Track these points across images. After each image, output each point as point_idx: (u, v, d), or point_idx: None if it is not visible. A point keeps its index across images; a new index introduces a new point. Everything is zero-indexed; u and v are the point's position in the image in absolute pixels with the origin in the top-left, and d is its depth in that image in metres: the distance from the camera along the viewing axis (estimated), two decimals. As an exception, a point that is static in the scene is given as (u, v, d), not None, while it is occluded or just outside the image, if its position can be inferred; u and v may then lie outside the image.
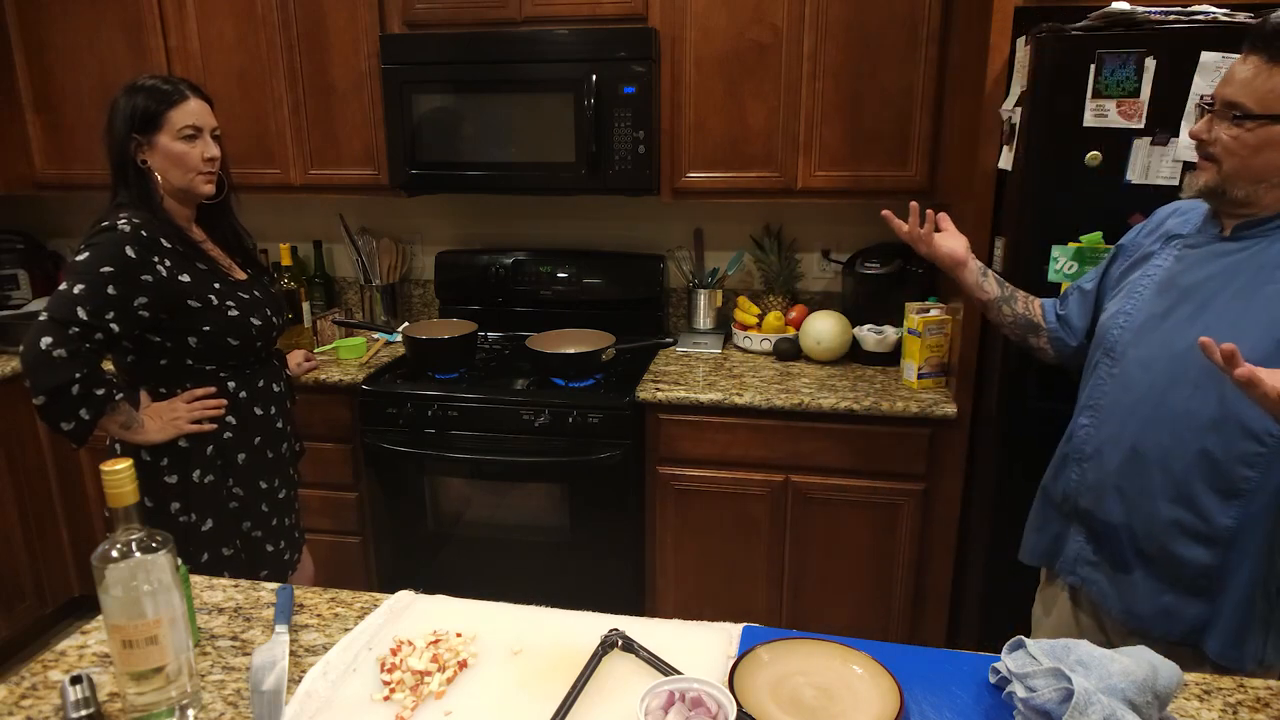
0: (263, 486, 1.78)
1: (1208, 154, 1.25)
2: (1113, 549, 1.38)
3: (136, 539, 0.95)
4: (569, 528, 2.37)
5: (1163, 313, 1.32)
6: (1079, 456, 1.42)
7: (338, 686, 1.05)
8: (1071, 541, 1.45)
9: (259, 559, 1.80)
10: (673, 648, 1.09)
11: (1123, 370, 1.36)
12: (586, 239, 2.87)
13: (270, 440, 1.78)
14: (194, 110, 1.64)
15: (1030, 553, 1.55)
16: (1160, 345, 1.31)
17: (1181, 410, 1.27)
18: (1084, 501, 1.41)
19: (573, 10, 2.39)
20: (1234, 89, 1.21)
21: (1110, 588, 1.39)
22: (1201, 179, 1.27)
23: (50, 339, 1.50)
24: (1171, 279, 1.34)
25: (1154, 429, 1.30)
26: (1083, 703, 0.90)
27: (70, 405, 1.53)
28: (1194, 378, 1.25)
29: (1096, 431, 1.39)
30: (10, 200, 2.99)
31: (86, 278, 1.52)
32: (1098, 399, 1.40)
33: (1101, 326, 1.44)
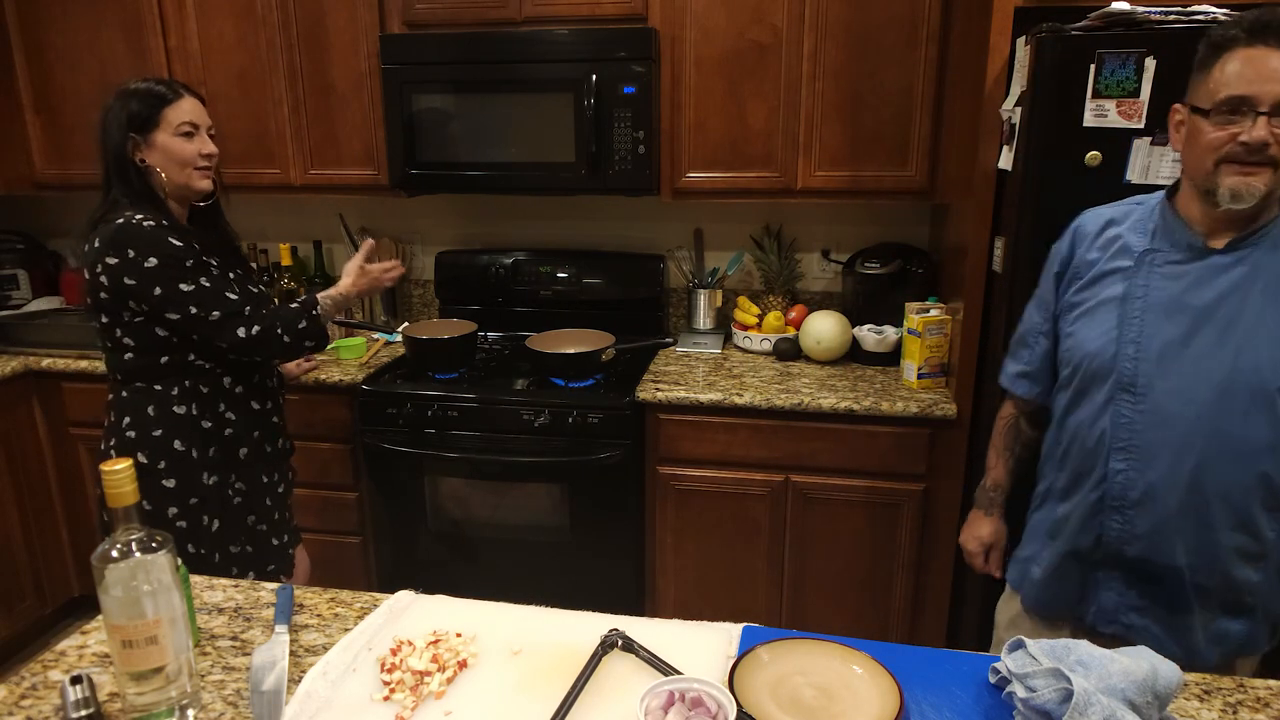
0: (264, 480, 1.79)
1: (1268, 157, 1.17)
2: (1171, 593, 1.32)
3: (136, 539, 0.95)
4: (569, 528, 2.37)
5: (1181, 339, 1.26)
6: (1121, 504, 1.31)
7: (338, 686, 1.05)
8: (1106, 592, 1.37)
9: (265, 553, 1.81)
10: (673, 648, 1.09)
11: (1154, 405, 1.27)
12: (586, 239, 2.87)
13: (268, 434, 1.81)
14: (189, 108, 1.66)
15: (1049, 605, 1.45)
16: (1195, 375, 1.25)
17: (1239, 438, 1.24)
18: (1133, 550, 1.31)
19: (573, 10, 2.39)
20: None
21: (1165, 633, 1.34)
22: (1260, 184, 1.19)
23: (243, 329, 1.64)
24: (1177, 300, 1.27)
25: (1213, 462, 1.25)
26: (1082, 703, 0.90)
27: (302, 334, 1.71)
28: (1243, 404, 1.23)
29: (1141, 475, 1.29)
30: (10, 200, 2.99)
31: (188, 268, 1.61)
32: (1129, 439, 1.29)
33: (1087, 357, 1.34)
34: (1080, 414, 1.36)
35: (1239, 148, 1.18)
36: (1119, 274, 1.34)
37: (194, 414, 1.68)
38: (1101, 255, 1.37)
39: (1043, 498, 1.49)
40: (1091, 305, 1.36)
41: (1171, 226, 1.30)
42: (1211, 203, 1.24)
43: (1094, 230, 1.40)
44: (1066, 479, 1.41)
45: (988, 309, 2.04)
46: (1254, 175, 1.19)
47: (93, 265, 1.60)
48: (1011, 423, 1.59)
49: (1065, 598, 1.43)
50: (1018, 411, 1.58)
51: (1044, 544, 1.45)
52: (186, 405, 1.67)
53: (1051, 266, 1.46)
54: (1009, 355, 1.56)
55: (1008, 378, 1.56)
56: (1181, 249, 1.29)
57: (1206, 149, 1.21)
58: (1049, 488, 1.47)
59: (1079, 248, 1.41)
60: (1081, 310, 1.38)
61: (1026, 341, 1.51)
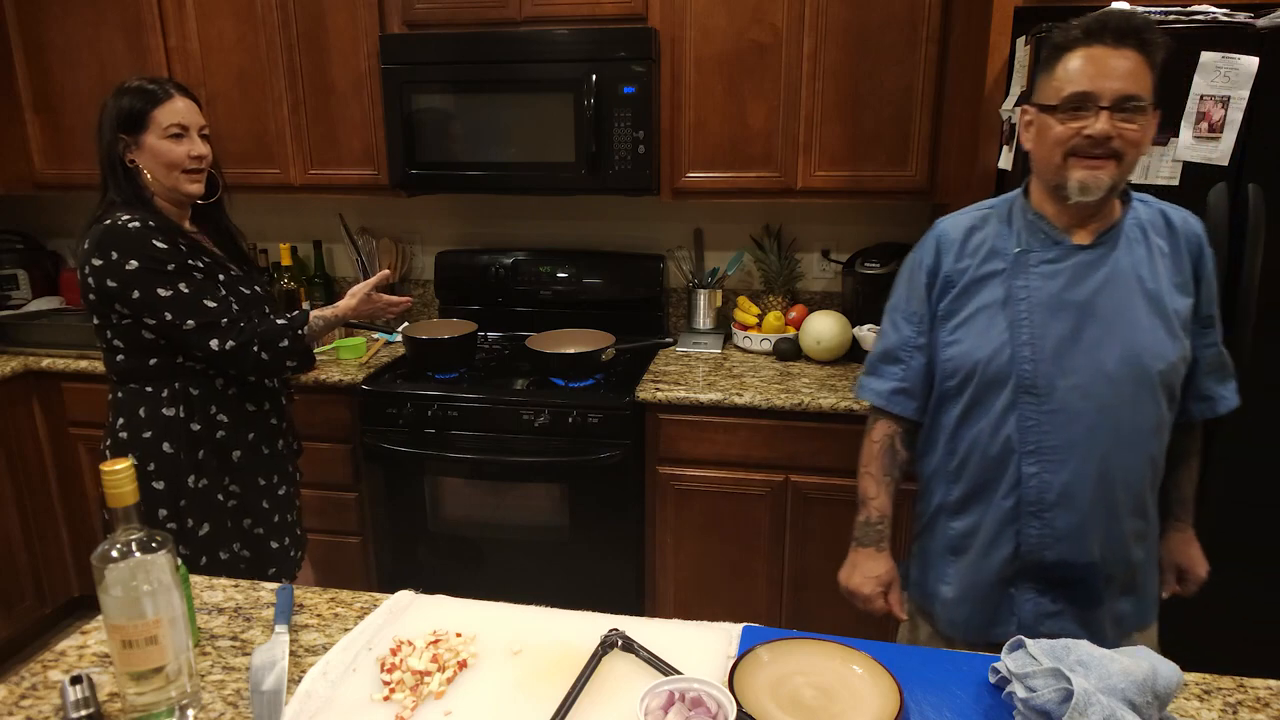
0: (261, 483, 1.77)
1: (1113, 151, 1.22)
2: (1085, 590, 1.34)
3: (136, 539, 0.95)
4: (569, 528, 2.37)
5: (1071, 335, 1.29)
6: (1038, 508, 1.31)
7: (337, 686, 1.04)
8: (1023, 604, 1.36)
9: (265, 557, 1.79)
10: (673, 648, 1.09)
11: (1058, 404, 1.29)
12: (586, 239, 2.87)
13: (265, 436, 1.78)
14: (179, 109, 1.64)
15: (964, 625, 1.41)
16: (1090, 369, 1.28)
17: (1132, 425, 1.29)
18: (1053, 554, 1.32)
19: (572, 10, 2.39)
20: (1125, 83, 1.20)
21: (1078, 630, 1.35)
22: (1106, 177, 1.24)
23: (215, 340, 1.62)
24: (1058, 298, 1.29)
25: (1114, 452, 1.29)
26: (1082, 703, 0.90)
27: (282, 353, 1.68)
28: (1132, 392, 1.28)
29: (1055, 476, 1.30)
30: (10, 200, 2.99)
31: (168, 272, 1.59)
32: (1039, 441, 1.30)
33: (980, 364, 1.32)
34: (978, 424, 1.34)
35: (1085, 141, 1.22)
36: (995, 278, 1.34)
37: (182, 416, 1.67)
38: (972, 262, 1.36)
39: (932, 517, 1.46)
40: (972, 312, 1.35)
41: (1037, 226, 1.33)
42: (1062, 197, 1.28)
43: (958, 238, 1.39)
44: (963, 492, 1.38)
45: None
46: (1100, 168, 1.23)
47: (81, 267, 1.60)
48: (887, 445, 1.48)
49: (982, 617, 1.40)
50: (891, 433, 1.48)
51: (947, 562, 1.42)
52: (175, 407, 1.66)
53: (918, 278, 1.41)
54: (872, 374, 1.48)
55: (881, 396, 1.46)
56: (1051, 247, 1.32)
57: (1055, 143, 1.25)
58: (939, 505, 1.43)
59: (945, 256, 1.39)
60: (962, 318, 1.36)
61: (898, 356, 1.44)
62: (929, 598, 1.46)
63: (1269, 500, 1.88)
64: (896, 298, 1.46)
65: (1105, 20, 1.21)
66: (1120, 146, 1.22)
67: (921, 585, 1.49)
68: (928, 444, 1.46)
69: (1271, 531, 1.89)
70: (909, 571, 1.53)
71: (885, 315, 1.48)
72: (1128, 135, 1.22)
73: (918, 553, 1.51)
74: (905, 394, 1.45)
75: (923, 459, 1.48)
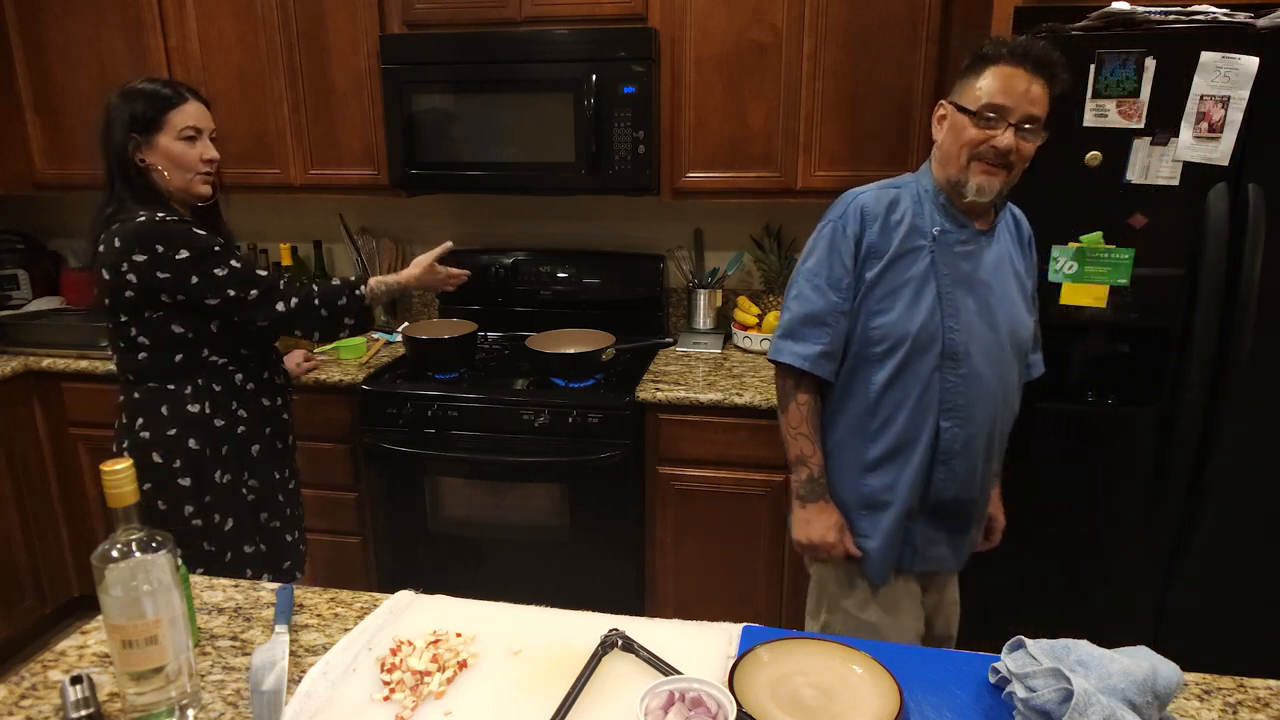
0: (276, 477, 1.80)
1: (1007, 163, 1.41)
2: (962, 520, 1.58)
3: (136, 539, 0.95)
4: (569, 528, 2.37)
5: (979, 310, 1.48)
6: (946, 458, 1.50)
7: (337, 686, 1.05)
8: (919, 535, 1.56)
9: (280, 550, 1.81)
10: (673, 648, 1.09)
11: (970, 370, 1.47)
12: (586, 239, 2.87)
13: (279, 431, 1.82)
14: (193, 112, 1.65)
15: (880, 570, 1.57)
16: (990, 339, 1.49)
17: (1012, 384, 1.55)
18: (949, 494, 1.53)
19: (572, 10, 2.39)
20: (1035, 107, 1.39)
21: (951, 552, 1.60)
22: (999, 184, 1.43)
23: (281, 303, 1.65)
24: (969, 276, 1.48)
25: (1002, 408, 1.53)
26: (1082, 703, 0.90)
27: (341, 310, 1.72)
28: (1012, 357, 1.53)
29: (963, 430, 1.49)
30: (10, 200, 2.98)
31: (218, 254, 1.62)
32: (954, 401, 1.48)
33: (910, 333, 1.46)
34: (903, 387, 1.49)
35: (990, 150, 1.41)
36: (917, 252, 1.48)
37: (207, 412, 1.68)
38: (896, 236, 1.49)
39: (838, 476, 1.58)
40: (900, 283, 1.48)
41: (949, 211, 1.50)
42: (958, 194, 1.47)
43: (880, 212, 1.50)
44: (884, 449, 1.52)
45: (988, 309, 2.04)
46: (995, 175, 1.43)
47: (115, 265, 1.58)
48: (814, 405, 1.58)
49: (893, 556, 1.57)
50: (812, 391, 1.58)
51: (861, 517, 1.57)
52: (200, 404, 1.68)
53: (842, 245, 1.50)
54: (794, 338, 1.54)
55: (807, 360, 1.53)
56: (961, 230, 1.49)
57: (964, 144, 1.43)
58: (847, 464, 1.56)
59: (869, 228, 1.50)
60: (890, 289, 1.48)
61: (824, 321, 1.52)
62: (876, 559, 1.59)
63: (1269, 500, 1.88)
64: (817, 263, 1.53)
65: (1029, 48, 1.39)
66: (1015, 160, 1.42)
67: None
68: (838, 409, 1.57)
69: (1271, 531, 1.89)
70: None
71: (802, 279, 1.55)
72: (1024, 151, 1.42)
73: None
74: (828, 358, 1.53)
75: (826, 424, 1.59)
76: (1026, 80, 1.38)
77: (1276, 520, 1.89)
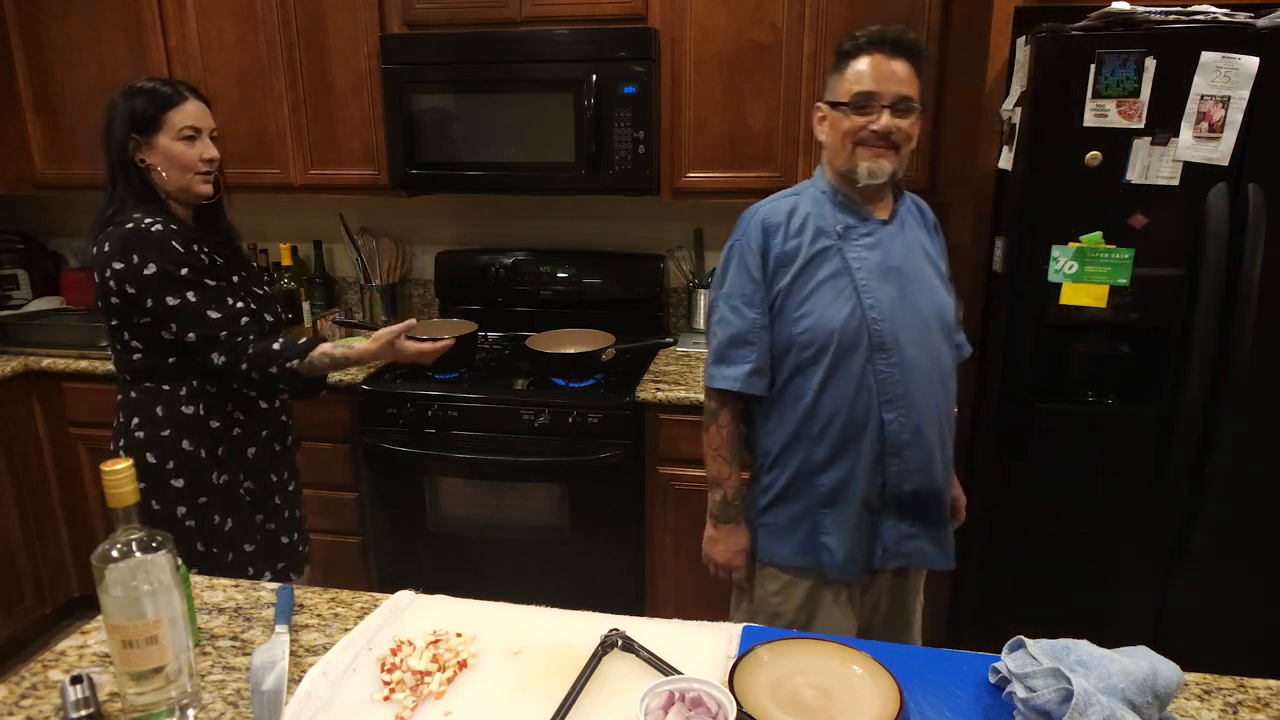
0: (273, 479, 1.79)
1: (892, 143, 1.46)
2: (934, 512, 1.57)
3: (136, 539, 0.95)
4: (569, 528, 2.37)
5: (899, 296, 1.49)
6: (897, 449, 1.50)
7: (338, 686, 1.05)
8: (887, 532, 1.56)
9: (275, 551, 1.81)
10: (673, 648, 1.09)
11: (902, 357, 1.48)
12: (586, 239, 2.87)
13: (276, 433, 1.81)
14: (193, 112, 1.65)
15: (847, 567, 1.56)
16: (916, 323, 1.50)
17: (946, 365, 1.56)
18: (909, 485, 1.52)
19: (573, 10, 2.39)
20: (902, 87, 1.45)
21: (933, 546, 1.59)
22: (888, 165, 1.47)
23: (215, 354, 1.61)
24: (882, 265, 1.50)
25: (942, 391, 1.54)
26: (1082, 703, 0.90)
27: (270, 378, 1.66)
28: (941, 338, 1.54)
29: (909, 419, 1.49)
30: (10, 200, 2.98)
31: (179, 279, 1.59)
32: (892, 391, 1.49)
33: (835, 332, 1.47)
34: (839, 385, 1.49)
35: (870, 134, 1.45)
36: (827, 252, 1.50)
37: (202, 414, 1.68)
38: (801, 240, 1.51)
39: (791, 482, 1.56)
40: (815, 285, 1.50)
41: (849, 206, 1.53)
42: (852, 181, 1.50)
43: (781, 221, 1.53)
44: (829, 450, 1.52)
45: (988, 309, 2.04)
46: (883, 156, 1.47)
47: (102, 269, 1.59)
48: (734, 429, 1.60)
49: (860, 551, 1.56)
50: (735, 415, 1.60)
51: (824, 515, 1.55)
52: (195, 405, 1.67)
53: (750, 262, 1.53)
54: (723, 363, 1.56)
55: (738, 381, 1.54)
56: (864, 223, 1.52)
57: (845, 134, 1.48)
58: (800, 468, 1.55)
59: (773, 239, 1.53)
60: (806, 292, 1.50)
61: (748, 340, 1.53)
62: (812, 553, 1.57)
63: (1269, 500, 1.88)
64: (730, 285, 1.56)
65: (884, 33, 1.45)
66: (898, 139, 1.46)
67: (800, 545, 1.58)
68: (776, 416, 1.57)
69: (1271, 531, 1.89)
70: (757, 544, 1.64)
71: (721, 303, 1.57)
72: (904, 129, 1.46)
73: (775, 523, 1.60)
74: (759, 374, 1.55)
75: (771, 433, 1.58)
76: (889, 63, 1.44)
77: (1276, 520, 1.89)
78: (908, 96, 1.46)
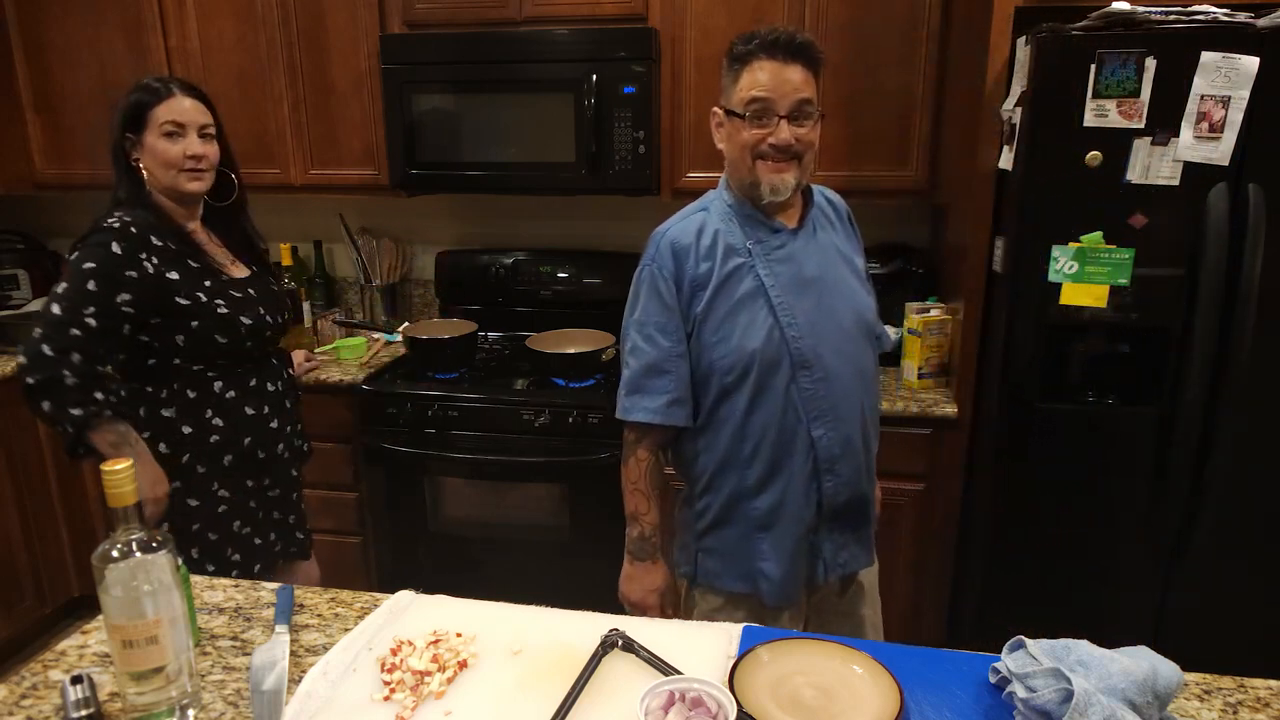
0: (249, 485, 1.75)
1: (793, 154, 1.40)
2: (860, 516, 1.54)
3: (136, 539, 0.95)
4: (569, 528, 2.37)
5: (816, 307, 1.44)
6: (830, 464, 1.45)
7: (338, 686, 1.05)
8: (825, 546, 1.51)
9: (250, 553, 1.77)
10: (673, 648, 1.09)
11: (825, 371, 1.43)
12: (587, 239, 2.87)
13: (262, 440, 1.75)
14: (177, 107, 1.63)
15: (786, 590, 1.49)
16: (836, 332, 1.45)
17: (867, 369, 1.51)
18: (842, 497, 1.48)
19: (573, 10, 2.39)
20: (799, 93, 1.38)
21: (861, 550, 1.56)
22: (791, 179, 1.41)
23: (40, 330, 1.56)
24: (796, 277, 1.44)
25: (864, 397, 1.49)
26: (1083, 703, 0.90)
27: (62, 400, 1.55)
28: (861, 342, 1.49)
29: (838, 432, 1.45)
30: (10, 200, 2.98)
31: (70, 277, 1.55)
32: (818, 408, 1.43)
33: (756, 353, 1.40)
34: (764, 407, 1.43)
35: (769, 148, 1.39)
36: (739, 271, 1.43)
37: (174, 419, 1.66)
38: (712, 262, 1.44)
39: (725, 508, 1.50)
40: (730, 308, 1.43)
41: (756, 220, 1.46)
42: (756, 196, 1.43)
43: (690, 243, 1.46)
44: (761, 472, 1.46)
45: (988, 309, 2.04)
46: (785, 170, 1.40)
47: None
48: (653, 462, 1.52)
49: (799, 572, 1.50)
50: (656, 447, 1.52)
51: (759, 540, 1.49)
52: (171, 409, 1.66)
53: (661, 288, 1.46)
54: (638, 393, 1.47)
55: (656, 413, 1.46)
56: (773, 235, 1.46)
57: (743, 146, 1.41)
58: (732, 494, 1.48)
59: (685, 263, 1.45)
60: (722, 315, 1.43)
61: (663, 369, 1.45)
62: (749, 579, 1.51)
63: (1269, 500, 1.88)
64: (643, 312, 1.48)
65: (778, 37, 1.37)
66: (800, 149, 1.40)
67: (730, 574, 1.52)
68: (703, 441, 1.50)
69: (1271, 531, 1.89)
70: (694, 571, 1.56)
71: (633, 331, 1.49)
72: (804, 138, 1.40)
73: (715, 547, 1.53)
74: (678, 404, 1.46)
75: (697, 459, 1.51)
76: (783, 69, 1.37)
77: (1276, 520, 1.89)
78: (806, 99, 1.39)
